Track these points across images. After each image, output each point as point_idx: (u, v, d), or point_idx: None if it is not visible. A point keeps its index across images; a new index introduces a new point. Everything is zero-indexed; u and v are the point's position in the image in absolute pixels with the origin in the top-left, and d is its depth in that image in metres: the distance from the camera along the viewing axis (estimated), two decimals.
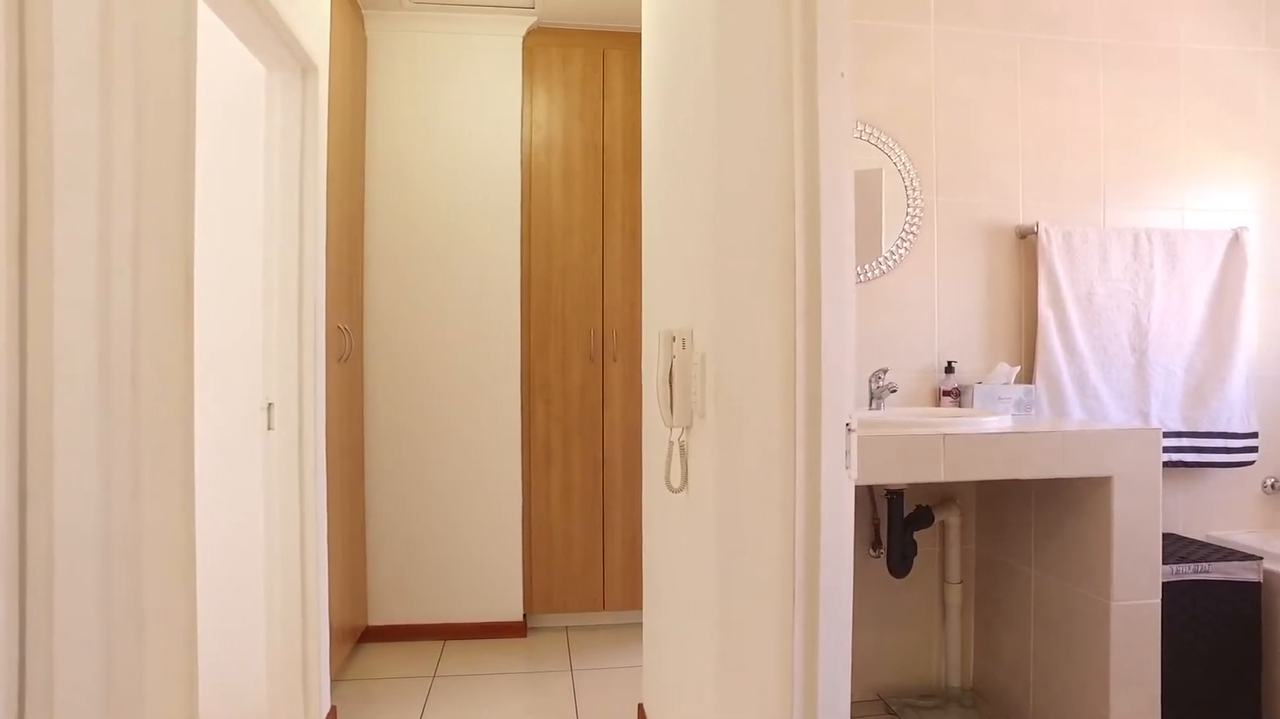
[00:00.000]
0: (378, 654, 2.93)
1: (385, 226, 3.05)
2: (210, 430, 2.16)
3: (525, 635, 3.13)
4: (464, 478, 3.09)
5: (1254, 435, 2.51)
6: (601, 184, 3.19)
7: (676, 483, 1.75)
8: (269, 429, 2.15)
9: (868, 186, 2.37)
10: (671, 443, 1.72)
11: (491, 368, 3.10)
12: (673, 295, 1.87)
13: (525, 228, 3.14)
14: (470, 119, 3.08)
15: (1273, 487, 2.62)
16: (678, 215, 1.84)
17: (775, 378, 1.31)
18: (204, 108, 2.08)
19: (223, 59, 2.16)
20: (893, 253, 2.36)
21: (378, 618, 3.05)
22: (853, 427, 1.33)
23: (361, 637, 3.02)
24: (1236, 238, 2.52)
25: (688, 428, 1.65)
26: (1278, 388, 2.63)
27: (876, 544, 2.31)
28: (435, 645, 3.03)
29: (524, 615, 3.14)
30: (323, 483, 2.27)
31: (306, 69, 2.13)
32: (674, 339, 1.64)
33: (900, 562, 2.14)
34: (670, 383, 1.65)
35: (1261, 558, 2.28)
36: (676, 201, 1.86)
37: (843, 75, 1.32)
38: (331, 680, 2.48)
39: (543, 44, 3.15)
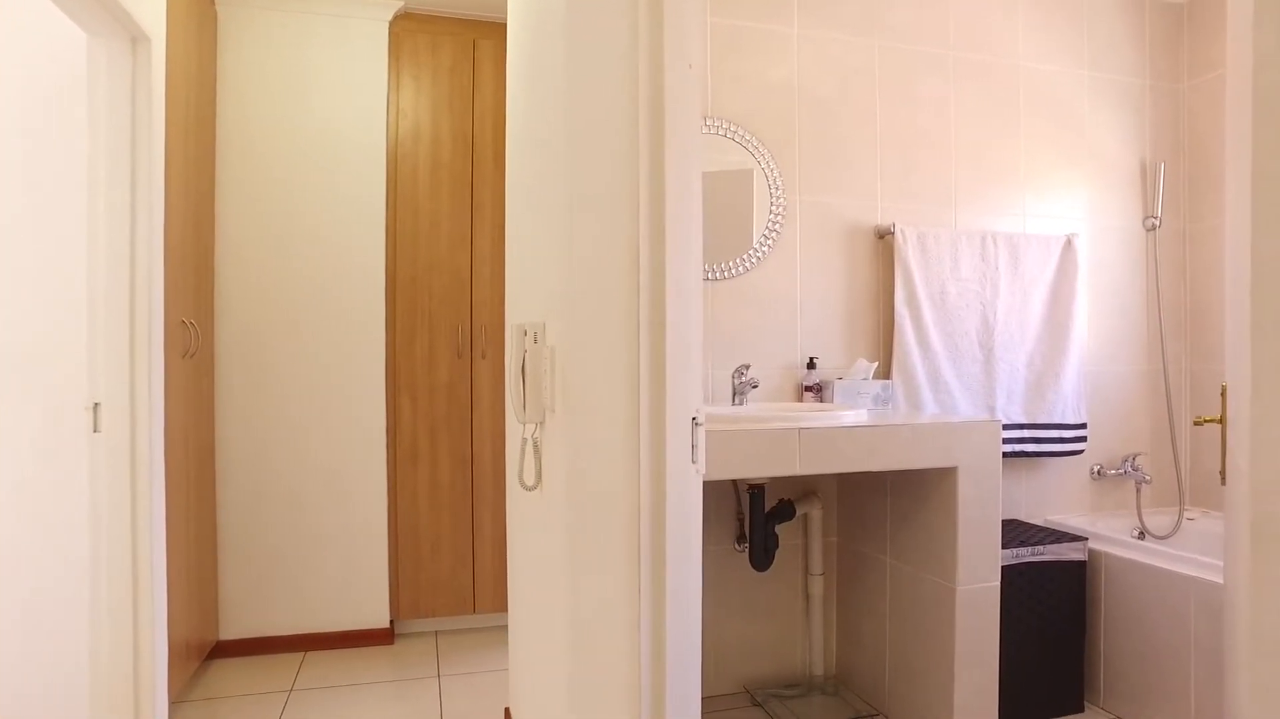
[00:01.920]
0: (229, 670, 2.75)
1: (238, 215, 2.87)
2: (23, 433, 1.97)
3: (392, 642, 3.01)
4: (325, 480, 2.94)
5: (1083, 426, 2.69)
6: (471, 176, 3.11)
7: (530, 480, 1.71)
8: (95, 431, 1.98)
9: (739, 186, 2.40)
10: (525, 439, 1.68)
11: (355, 365, 2.97)
12: (528, 289, 1.83)
13: (391, 220, 3.02)
14: (332, 105, 2.94)
15: (1099, 473, 2.83)
16: (534, 208, 1.80)
17: (621, 372, 1.29)
18: (6, 74, 1.89)
19: (41, 23, 1.97)
20: (756, 250, 2.40)
21: (230, 631, 2.86)
22: (699, 421, 1.33)
23: (211, 653, 2.83)
24: (1069, 243, 2.70)
25: (540, 424, 1.62)
26: (1100, 382, 2.84)
27: (742, 538, 2.35)
28: (295, 658, 2.87)
29: (391, 621, 3.03)
30: (160, 487, 2.11)
31: (137, 38, 1.97)
32: (525, 333, 1.61)
33: (762, 555, 2.18)
34: (523, 377, 1.61)
35: (1088, 538, 2.46)
36: (534, 194, 1.82)
37: (691, 67, 1.32)
38: (171, 703, 2.31)
39: (410, 30, 3.04)
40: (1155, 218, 2.87)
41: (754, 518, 2.18)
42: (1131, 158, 2.92)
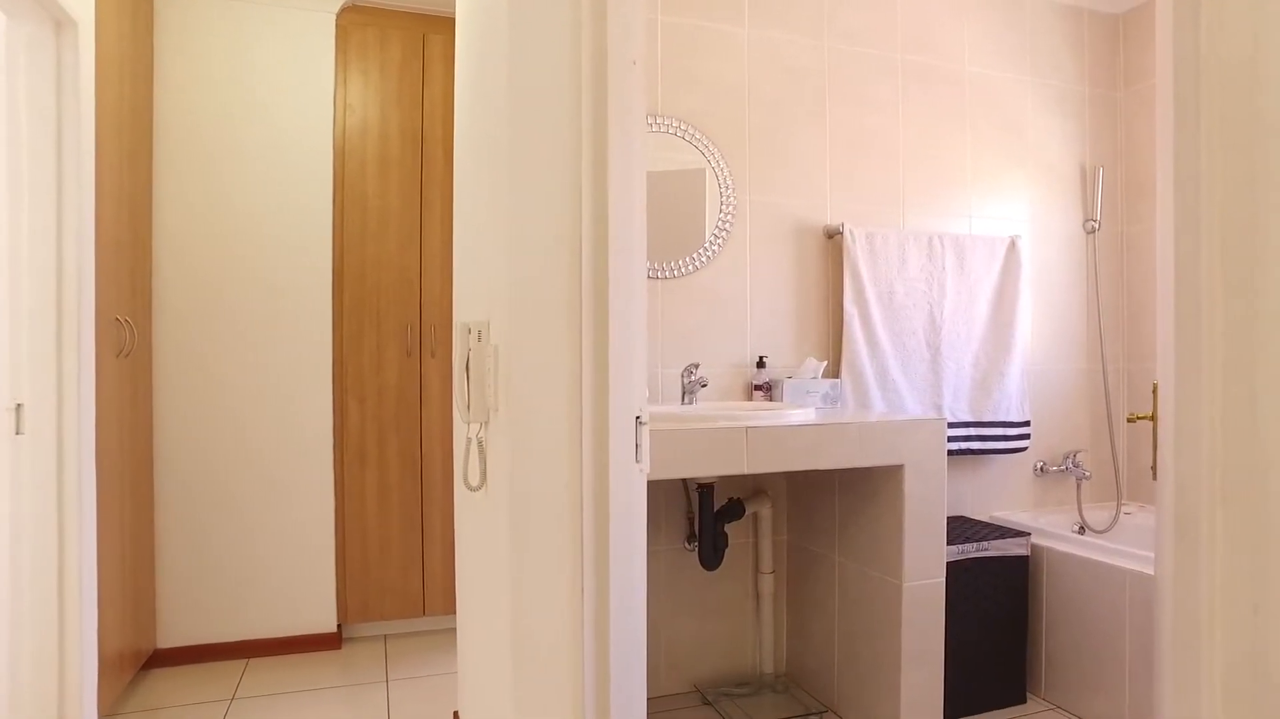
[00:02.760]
0: (167, 680, 2.67)
1: (178, 211, 2.78)
2: None
3: (340, 647, 2.95)
4: (269, 482, 2.87)
5: (1027, 424, 2.75)
6: (421, 173, 3.06)
7: (475, 480, 1.68)
8: (17, 433, 1.89)
9: (690, 185, 2.40)
10: (470, 439, 1.66)
11: (300, 365, 2.90)
12: (474, 287, 1.80)
13: (338, 217, 2.96)
14: (277, 98, 2.87)
15: (1041, 469, 2.89)
16: (480, 205, 1.77)
17: (563, 371, 1.27)
18: None
19: None
20: (706, 249, 2.40)
21: (169, 639, 2.77)
22: (643, 420, 1.32)
23: (148, 662, 2.74)
24: (1013, 245, 2.76)
25: (485, 423, 1.59)
26: (1042, 381, 2.91)
27: (692, 538, 2.35)
28: (237, 665, 2.79)
29: (338, 626, 2.96)
30: (90, 492, 2.03)
31: (61, 23, 1.89)
32: (470, 331, 1.58)
33: (711, 554, 2.18)
34: (467, 376, 1.58)
35: (1030, 534, 2.51)
36: (479, 191, 1.79)
37: (635, 64, 1.31)
38: (103, 716, 2.23)
39: (358, 23, 2.98)
40: (1095, 221, 2.95)
41: (703, 517, 2.18)
42: (1072, 162, 2.99)
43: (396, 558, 3.03)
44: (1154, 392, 1.41)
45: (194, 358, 2.79)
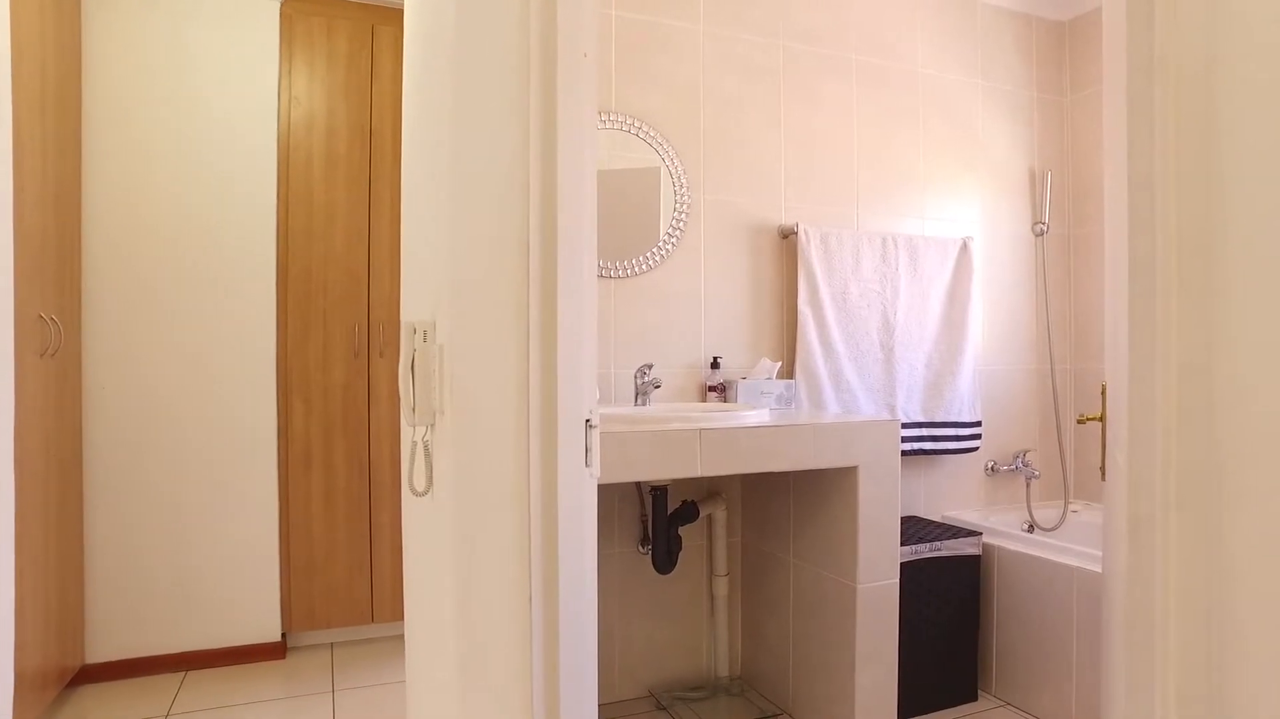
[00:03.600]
0: (96, 697, 2.55)
1: (110, 205, 2.66)
2: None
3: (284, 657, 2.85)
4: (209, 487, 2.76)
5: (978, 424, 2.78)
6: (369, 169, 2.98)
7: (421, 485, 1.63)
8: None
9: (644, 183, 2.37)
10: (415, 442, 1.60)
11: (242, 365, 2.79)
12: (420, 285, 1.75)
13: (283, 213, 2.86)
14: (218, 88, 2.76)
15: (992, 469, 2.92)
16: (426, 200, 1.71)
17: (510, 373, 1.23)
18: None
19: None
20: (660, 248, 2.37)
21: (99, 654, 2.65)
22: (594, 423, 1.29)
23: (75, 678, 2.61)
24: (965, 246, 2.78)
25: (431, 426, 1.54)
26: (993, 381, 2.95)
27: (646, 541, 2.31)
28: (174, 678, 2.68)
29: (283, 635, 2.87)
30: (8, 499, 1.92)
31: None
32: (415, 331, 1.52)
33: (665, 558, 2.15)
34: (412, 377, 1.53)
35: (982, 533, 2.53)
36: (426, 186, 1.74)
37: (586, 55, 1.27)
38: None
39: (304, 12, 2.88)
40: (1043, 224, 2.99)
41: (656, 520, 2.15)
42: (1021, 166, 3.03)
43: (343, 563, 2.95)
44: (1103, 393, 1.41)
45: (128, 358, 2.67)
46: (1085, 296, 3.07)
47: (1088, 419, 1.53)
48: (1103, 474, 1.57)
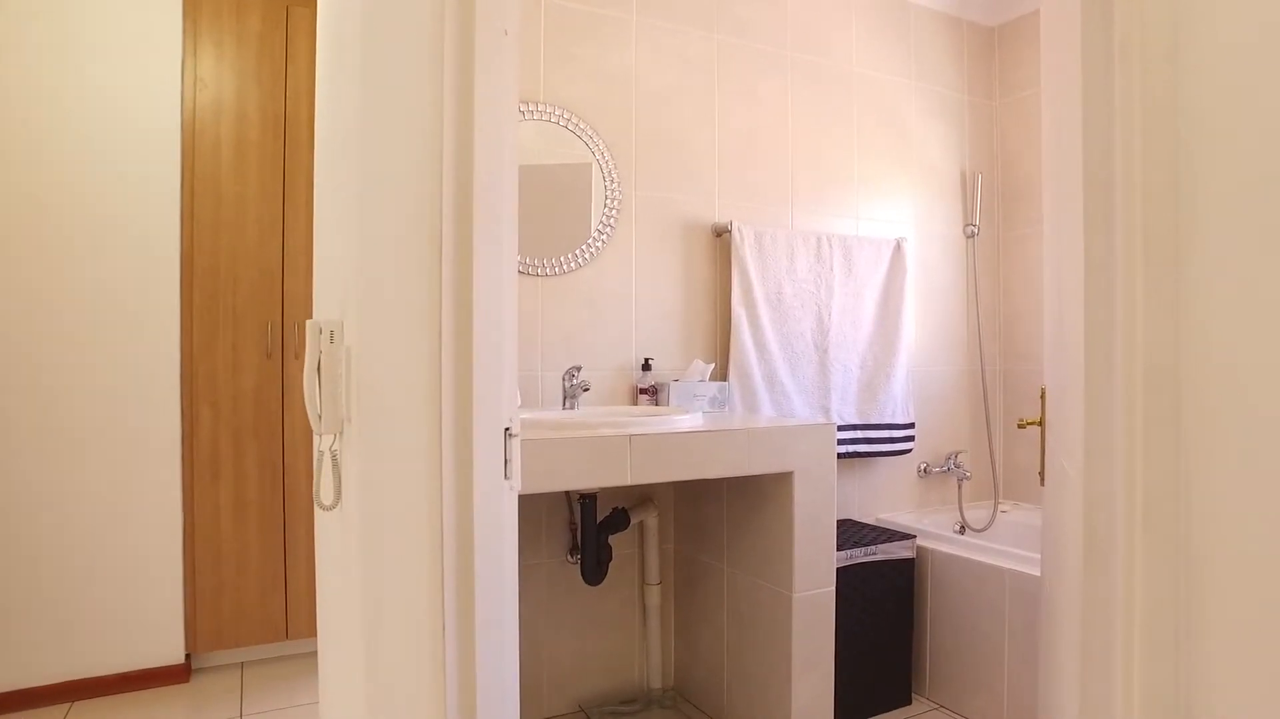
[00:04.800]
0: None
1: None
2: None
3: (188, 680, 2.66)
4: (103, 500, 2.55)
5: (912, 425, 2.77)
6: (284, 158, 2.80)
7: (328, 499, 1.50)
8: None
9: (573, 177, 2.27)
10: (322, 452, 1.47)
11: (141, 368, 2.59)
12: (330, 281, 1.62)
13: (187, 204, 2.67)
14: (110, 66, 2.55)
15: (925, 470, 2.93)
16: (336, 189, 1.59)
17: (422, 378, 1.12)
18: None
19: None
20: (590, 245, 2.28)
21: None
22: (514, 432, 1.19)
23: None
24: (898, 247, 2.77)
25: (340, 434, 1.42)
26: (925, 381, 2.95)
27: (575, 550, 2.22)
28: (57, 710, 2.46)
29: (187, 656, 2.67)
30: None
31: None
32: (321, 331, 1.40)
33: (594, 568, 2.06)
34: (319, 382, 1.40)
35: (916, 536, 2.52)
36: (336, 174, 1.61)
37: (507, 33, 1.18)
38: None
39: None
40: (974, 225, 3.01)
41: (585, 529, 2.06)
42: (953, 167, 3.04)
43: (255, 577, 2.77)
44: (1041, 396, 1.38)
45: (12, 359, 2.45)
46: (1015, 298, 3.10)
47: (1027, 423, 1.50)
48: (1041, 479, 1.55)
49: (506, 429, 1.17)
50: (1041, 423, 1.44)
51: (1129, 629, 0.67)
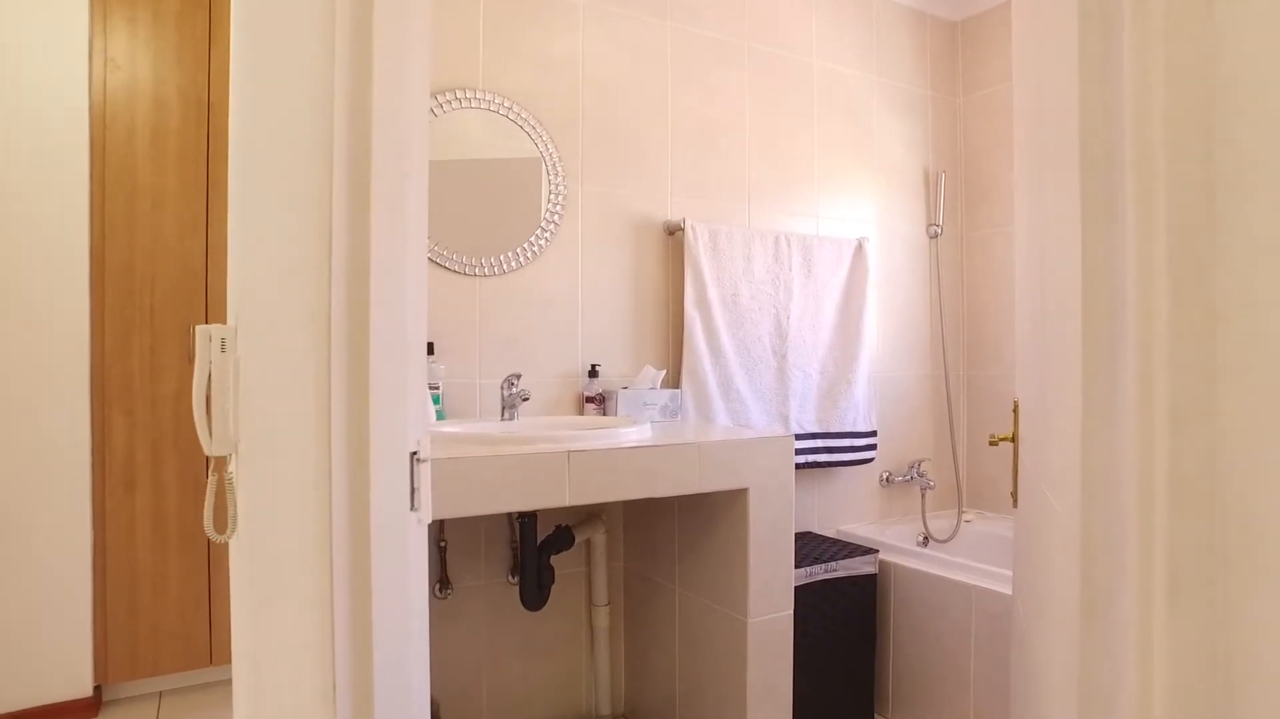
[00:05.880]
0: None
1: None
2: None
3: (97, 714, 2.45)
4: (2, 515, 2.33)
5: (874, 434, 2.66)
6: (207, 147, 2.60)
7: (222, 528, 1.33)
8: None
9: (515, 169, 2.12)
10: (212, 476, 1.30)
11: (44, 372, 2.37)
12: (229, 282, 1.45)
13: (98, 196, 2.45)
14: (6, 47, 2.33)
15: (887, 480, 2.82)
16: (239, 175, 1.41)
17: (309, 396, 0.97)
18: None
19: None
20: (532, 243, 2.13)
21: None
22: (422, 456, 1.03)
23: None
24: (860, 247, 2.65)
25: (234, 455, 1.24)
26: (887, 387, 2.84)
27: (516, 569, 2.07)
28: None
29: (96, 688, 2.46)
30: None
31: None
32: (211, 339, 1.23)
33: (535, 593, 1.91)
34: (209, 396, 1.23)
35: (878, 550, 2.40)
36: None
37: None
38: None
39: None
40: (937, 226, 2.91)
41: (525, 550, 1.91)
42: (916, 165, 2.94)
43: (175, 599, 2.56)
44: (1014, 410, 1.26)
45: None
46: (979, 300, 3.00)
47: (1000, 439, 1.38)
48: (1014, 500, 1.44)
49: (414, 454, 1.02)
50: (1015, 439, 1.33)
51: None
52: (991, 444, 1.38)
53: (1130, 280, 0.52)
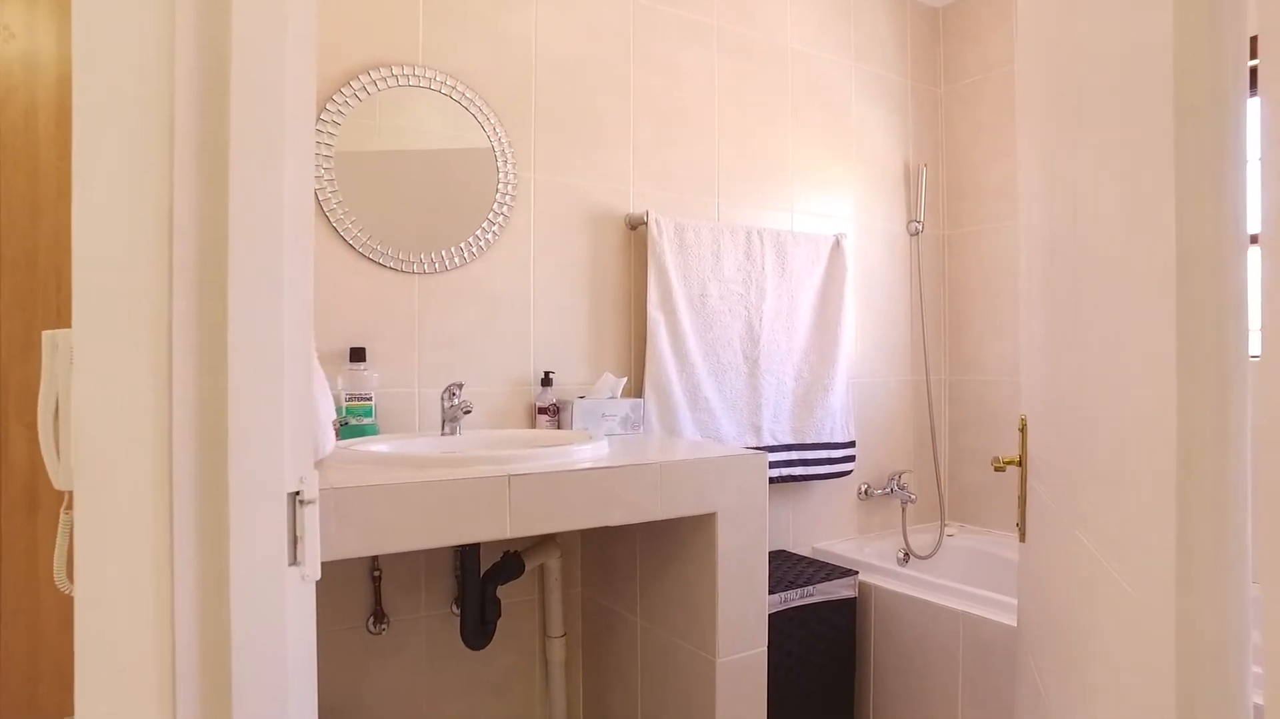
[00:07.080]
0: None
1: None
2: None
3: None
4: None
5: (852, 444, 2.48)
6: None
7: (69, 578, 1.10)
8: None
9: (459, 157, 1.90)
10: (62, 514, 1.08)
11: None
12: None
13: None
14: None
15: (866, 492, 2.64)
16: None
17: (146, 421, 0.75)
18: None
19: None
20: (478, 238, 1.91)
21: None
22: (307, 497, 0.82)
23: None
24: (838, 244, 2.47)
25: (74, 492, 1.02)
26: (866, 394, 2.66)
27: (460, 601, 1.85)
28: None
29: None
30: None
31: None
32: (58, 348, 1.01)
33: (477, 629, 1.69)
34: (55, 415, 1.02)
35: (858, 571, 2.23)
36: None
37: None
38: None
39: None
40: (918, 222, 2.74)
41: (466, 582, 1.69)
42: (896, 158, 2.77)
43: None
44: (1022, 429, 1.07)
45: None
46: (962, 302, 2.84)
47: (1006, 463, 1.19)
48: (1021, 534, 1.26)
49: (296, 494, 0.80)
50: (1022, 462, 1.14)
51: None
52: (996, 469, 1.19)
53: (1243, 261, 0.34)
